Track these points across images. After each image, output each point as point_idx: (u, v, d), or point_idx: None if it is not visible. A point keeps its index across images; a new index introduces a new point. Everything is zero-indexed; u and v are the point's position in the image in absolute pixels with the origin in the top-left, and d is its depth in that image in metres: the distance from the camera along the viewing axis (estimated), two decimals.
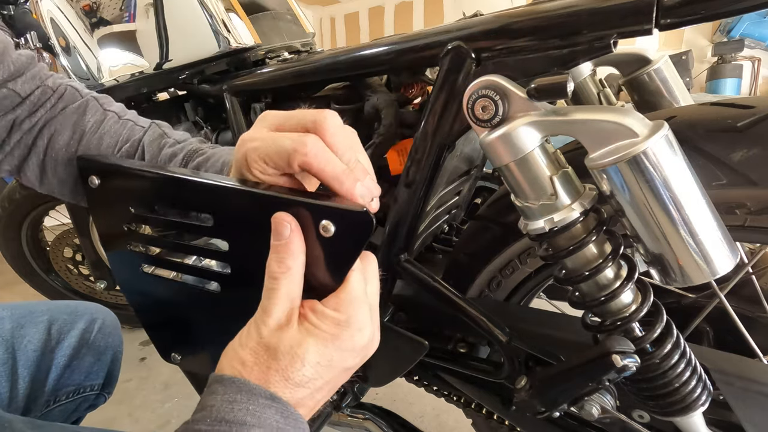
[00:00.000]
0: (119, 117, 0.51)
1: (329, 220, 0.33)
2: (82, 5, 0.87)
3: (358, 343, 0.34)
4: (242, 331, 0.35)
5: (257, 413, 0.31)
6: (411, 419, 0.85)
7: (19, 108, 0.48)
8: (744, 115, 0.49)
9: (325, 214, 0.33)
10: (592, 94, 0.83)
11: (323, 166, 0.33)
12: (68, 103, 0.50)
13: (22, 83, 0.47)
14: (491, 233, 0.67)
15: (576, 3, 0.47)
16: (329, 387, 0.35)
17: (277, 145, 0.34)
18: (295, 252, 0.33)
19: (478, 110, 0.45)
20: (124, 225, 0.44)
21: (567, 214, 0.44)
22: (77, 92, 0.51)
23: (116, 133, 0.49)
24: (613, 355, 0.45)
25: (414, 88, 0.82)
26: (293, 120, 0.35)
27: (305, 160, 0.33)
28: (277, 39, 0.99)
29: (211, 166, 0.46)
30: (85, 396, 0.71)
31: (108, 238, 0.47)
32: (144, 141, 0.49)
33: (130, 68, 0.89)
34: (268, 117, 0.37)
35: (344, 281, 0.34)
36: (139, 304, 0.49)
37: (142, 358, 1.57)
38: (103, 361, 0.73)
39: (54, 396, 0.67)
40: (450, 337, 0.73)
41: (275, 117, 0.37)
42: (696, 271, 0.42)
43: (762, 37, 3.76)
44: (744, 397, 0.51)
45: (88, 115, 0.49)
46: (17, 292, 1.88)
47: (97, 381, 0.72)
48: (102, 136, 0.49)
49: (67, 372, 0.68)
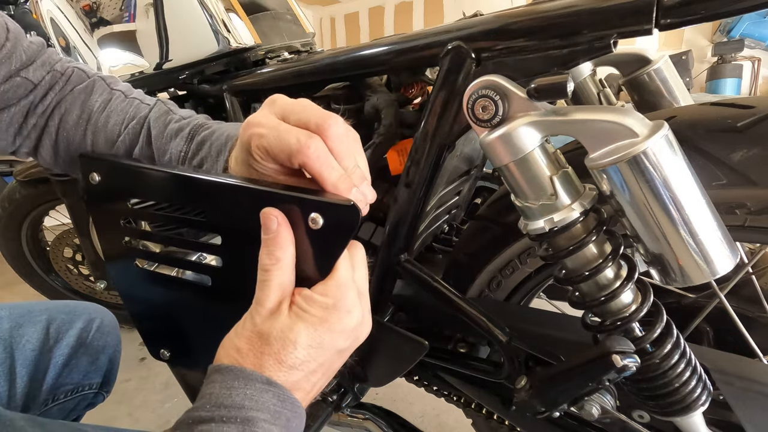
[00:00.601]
0: (126, 96, 0.52)
1: (318, 213, 0.34)
2: (82, 5, 0.87)
3: (348, 325, 0.35)
4: (238, 323, 0.36)
5: (254, 397, 0.32)
6: (411, 419, 0.85)
7: (32, 94, 0.50)
8: (744, 115, 0.49)
9: (313, 207, 0.34)
10: (592, 94, 0.83)
11: (322, 170, 0.34)
12: (75, 84, 0.51)
13: (33, 70, 0.49)
14: (491, 233, 0.67)
15: (576, 3, 0.47)
16: (323, 370, 0.36)
17: (281, 141, 0.35)
18: (283, 244, 0.35)
19: (478, 110, 0.45)
20: (120, 220, 0.45)
21: (567, 214, 0.44)
22: (84, 73, 0.53)
23: (123, 111, 0.50)
24: (613, 355, 0.45)
25: (414, 88, 0.82)
26: (301, 115, 0.36)
27: (306, 162, 0.34)
28: (277, 39, 0.99)
29: (216, 140, 0.46)
30: (84, 395, 0.71)
31: (105, 233, 0.48)
32: (150, 118, 0.50)
33: (130, 68, 0.89)
34: (278, 102, 0.37)
35: (332, 269, 0.36)
36: (131, 299, 0.50)
37: (142, 358, 1.57)
38: (101, 360, 0.73)
39: (53, 395, 0.67)
40: (450, 337, 0.73)
41: (284, 104, 0.37)
42: (696, 271, 0.42)
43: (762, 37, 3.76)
44: (744, 397, 0.51)
45: (95, 95, 0.51)
46: (17, 292, 1.88)
47: (95, 380, 0.73)
48: (109, 114, 0.50)
49: (66, 371, 0.68)
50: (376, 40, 0.70)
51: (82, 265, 1.61)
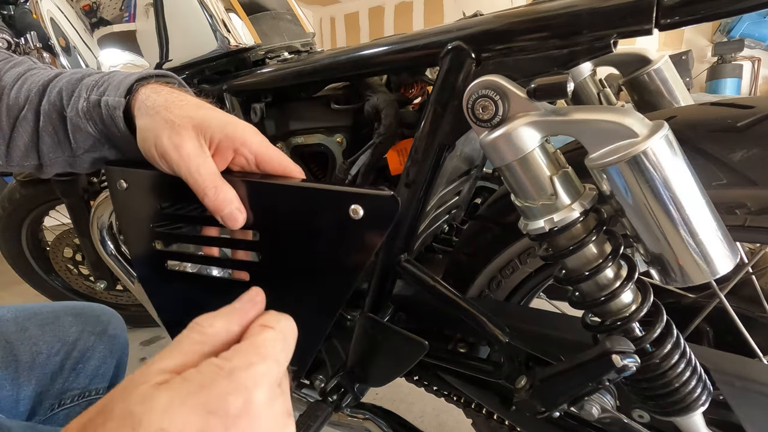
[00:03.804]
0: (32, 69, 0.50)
1: (358, 204, 0.37)
2: (82, 5, 0.87)
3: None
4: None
5: None
6: (411, 419, 0.85)
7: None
8: (744, 115, 0.49)
9: (354, 199, 0.37)
10: (592, 94, 0.83)
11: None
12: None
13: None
14: (491, 233, 0.67)
15: (576, 3, 0.47)
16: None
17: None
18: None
19: (478, 110, 0.45)
20: (151, 224, 0.46)
21: (567, 214, 0.44)
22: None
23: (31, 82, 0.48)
24: (613, 355, 0.45)
25: (414, 88, 0.82)
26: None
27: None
28: (277, 39, 0.99)
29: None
30: (90, 400, 0.70)
31: (134, 238, 0.48)
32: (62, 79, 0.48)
33: (130, 68, 0.89)
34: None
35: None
36: (161, 299, 0.50)
37: (142, 358, 1.56)
38: (108, 364, 0.72)
39: (59, 400, 0.66)
40: (450, 337, 0.73)
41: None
42: (696, 271, 0.42)
43: (762, 37, 3.76)
44: (744, 397, 0.51)
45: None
46: (17, 292, 1.88)
47: (102, 385, 0.71)
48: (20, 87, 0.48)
49: (73, 375, 0.67)
50: (376, 40, 0.70)
51: (82, 265, 1.61)
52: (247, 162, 0.42)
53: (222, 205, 0.39)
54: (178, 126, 0.39)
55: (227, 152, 0.41)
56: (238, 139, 0.40)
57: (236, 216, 0.39)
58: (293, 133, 0.85)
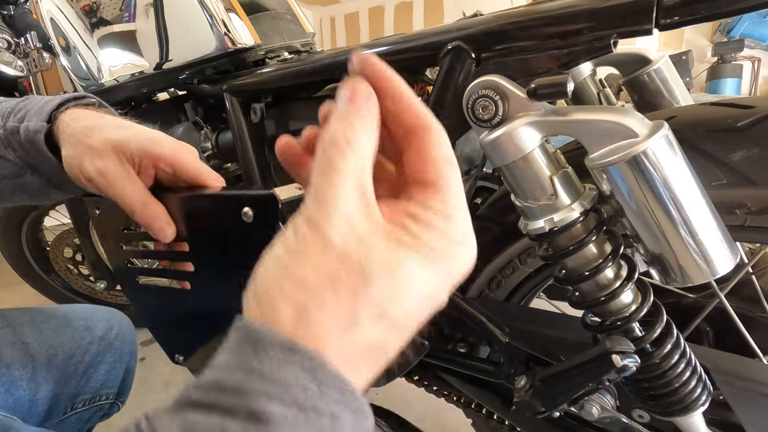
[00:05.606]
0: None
1: (247, 206, 0.36)
2: (82, 5, 0.87)
3: (466, 263, 0.24)
4: (275, 245, 0.23)
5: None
6: (411, 419, 0.84)
7: None
8: (744, 115, 0.48)
9: (242, 201, 0.37)
10: (592, 94, 0.83)
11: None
12: None
13: None
14: (491, 233, 0.67)
15: (576, 3, 0.47)
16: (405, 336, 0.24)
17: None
18: (366, 119, 0.23)
19: (478, 110, 0.45)
20: (120, 244, 0.49)
21: (567, 214, 0.44)
22: None
23: None
24: (613, 355, 0.45)
25: (414, 88, 0.82)
26: None
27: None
28: (277, 39, 0.99)
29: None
30: (100, 405, 0.70)
31: (112, 257, 0.52)
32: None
33: (130, 68, 0.89)
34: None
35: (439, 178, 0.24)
36: (143, 311, 0.53)
37: (142, 358, 1.56)
38: (118, 368, 0.71)
39: (71, 403, 0.66)
40: (450, 337, 0.73)
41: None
42: (696, 271, 0.42)
43: (762, 37, 3.76)
44: (744, 397, 0.51)
45: None
46: (17, 292, 1.88)
47: (112, 389, 0.71)
48: None
49: (84, 379, 0.67)
50: (376, 40, 0.70)
51: (82, 265, 1.61)
52: (168, 175, 0.43)
53: (150, 220, 0.40)
54: (100, 152, 0.40)
55: (149, 168, 0.42)
56: (155, 155, 0.41)
57: (165, 229, 0.40)
58: (293, 133, 0.85)
